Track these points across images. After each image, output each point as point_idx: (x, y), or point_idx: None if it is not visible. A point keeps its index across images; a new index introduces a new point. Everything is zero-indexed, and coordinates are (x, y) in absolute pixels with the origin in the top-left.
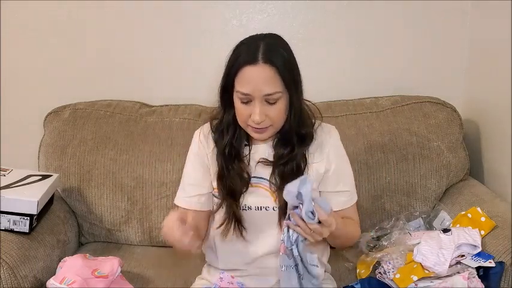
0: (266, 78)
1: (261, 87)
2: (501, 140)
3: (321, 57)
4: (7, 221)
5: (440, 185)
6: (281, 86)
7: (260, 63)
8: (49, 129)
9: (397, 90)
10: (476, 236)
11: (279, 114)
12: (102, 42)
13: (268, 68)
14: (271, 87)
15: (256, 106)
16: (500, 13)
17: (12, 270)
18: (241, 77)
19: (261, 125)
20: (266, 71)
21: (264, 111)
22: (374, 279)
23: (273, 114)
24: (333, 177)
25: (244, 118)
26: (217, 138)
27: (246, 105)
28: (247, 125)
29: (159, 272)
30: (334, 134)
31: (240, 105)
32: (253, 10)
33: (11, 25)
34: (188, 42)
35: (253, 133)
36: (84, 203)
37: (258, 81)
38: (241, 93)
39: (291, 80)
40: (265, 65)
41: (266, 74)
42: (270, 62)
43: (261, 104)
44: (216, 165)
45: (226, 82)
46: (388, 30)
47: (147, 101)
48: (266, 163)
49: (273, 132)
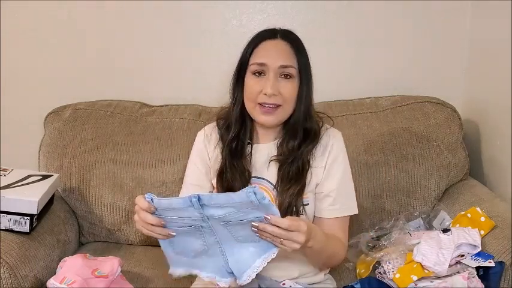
0: (284, 51)
1: (277, 57)
2: (501, 140)
3: (321, 57)
4: (7, 221)
5: (440, 185)
6: (296, 65)
7: (279, 38)
8: (49, 129)
9: (397, 90)
10: (476, 235)
11: (292, 92)
12: (102, 42)
13: (286, 44)
14: (287, 60)
15: (269, 78)
16: (500, 13)
17: (12, 270)
18: (258, 50)
19: (272, 100)
20: (284, 45)
21: (277, 86)
22: (374, 279)
23: (285, 91)
24: (329, 185)
25: (255, 95)
26: (223, 134)
27: (259, 78)
28: (256, 104)
29: (159, 272)
30: (337, 140)
31: (252, 79)
32: (253, 10)
33: (11, 25)
34: (188, 42)
35: (261, 114)
36: (84, 203)
37: (276, 53)
38: (257, 64)
39: (303, 66)
40: (284, 41)
41: (284, 48)
42: (288, 39)
43: (275, 77)
44: (217, 163)
45: (242, 61)
46: (388, 30)
47: (147, 101)
48: (275, 160)
49: (281, 116)
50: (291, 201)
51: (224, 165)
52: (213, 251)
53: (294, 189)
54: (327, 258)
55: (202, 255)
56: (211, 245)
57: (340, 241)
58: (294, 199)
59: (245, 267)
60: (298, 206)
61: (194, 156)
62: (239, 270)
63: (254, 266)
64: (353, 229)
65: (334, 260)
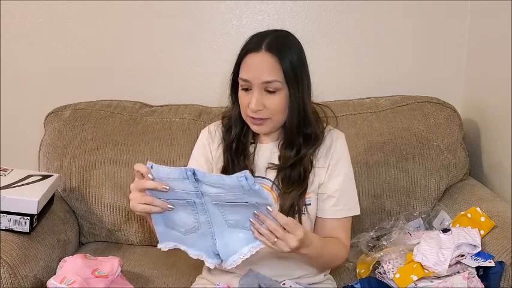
0: (266, 66)
1: (260, 74)
2: (501, 140)
3: (321, 58)
4: (7, 221)
5: (440, 185)
6: (281, 77)
7: (263, 51)
8: (49, 129)
9: (397, 90)
10: (476, 235)
11: (278, 106)
12: (102, 42)
13: (269, 56)
14: (270, 75)
15: (254, 94)
16: (500, 13)
17: (12, 270)
18: (244, 64)
19: (259, 115)
20: (267, 59)
21: (262, 101)
22: (374, 279)
23: (270, 105)
24: (332, 186)
25: (244, 108)
26: (225, 133)
27: (246, 93)
28: (247, 116)
29: (159, 272)
30: (339, 142)
31: (242, 93)
32: (253, 10)
33: (11, 25)
34: (188, 43)
35: (252, 125)
36: (84, 203)
37: (258, 68)
38: (242, 79)
39: (292, 75)
40: (268, 53)
41: (267, 62)
42: (272, 51)
43: (260, 92)
44: (220, 162)
45: (234, 72)
46: (388, 30)
47: (147, 101)
48: (273, 167)
49: (272, 126)
50: (293, 202)
51: (227, 164)
52: (203, 230)
53: (297, 191)
54: (324, 262)
55: (192, 233)
56: (202, 224)
57: (340, 243)
58: (296, 200)
59: (232, 252)
60: (300, 206)
61: (196, 152)
62: (226, 254)
63: (241, 252)
64: (353, 229)
65: (333, 263)
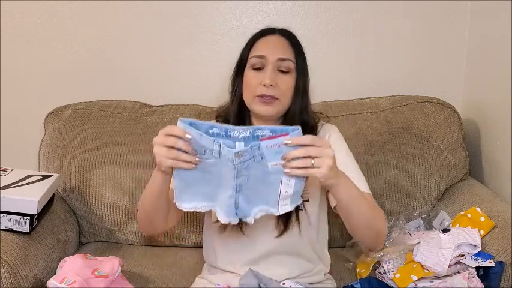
0: (282, 45)
1: (276, 50)
2: (501, 140)
3: (321, 57)
4: (7, 221)
5: (440, 185)
6: (293, 59)
7: (277, 34)
8: (49, 129)
9: (397, 90)
10: (476, 235)
11: (288, 86)
12: (102, 42)
13: (284, 39)
14: (285, 53)
15: (267, 70)
16: (500, 13)
17: (12, 270)
18: (257, 44)
19: (270, 92)
20: (283, 40)
21: (275, 78)
22: (374, 279)
23: (282, 84)
24: None
25: (254, 87)
26: None
27: (258, 72)
28: (254, 97)
29: (159, 272)
30: (334, 131)
31: (252, 73)
32: (253, 10)
33: (11, 25)
34: (188, 43)
35: (260, 105)
36: (84, 203)
37: (274, 45)
38: (256, 56)
39: (301, 62)
40: (282, 37)
41: (282, 42)
42: (286, 36)
43: (273, 70)
44: None
45: (242, 56)
46: (388, 30)
47: (147, 101)
48: None
49: (278, 110)
50: None
51: None
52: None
53: None
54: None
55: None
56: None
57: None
58: None
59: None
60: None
61: None
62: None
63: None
64: None
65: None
